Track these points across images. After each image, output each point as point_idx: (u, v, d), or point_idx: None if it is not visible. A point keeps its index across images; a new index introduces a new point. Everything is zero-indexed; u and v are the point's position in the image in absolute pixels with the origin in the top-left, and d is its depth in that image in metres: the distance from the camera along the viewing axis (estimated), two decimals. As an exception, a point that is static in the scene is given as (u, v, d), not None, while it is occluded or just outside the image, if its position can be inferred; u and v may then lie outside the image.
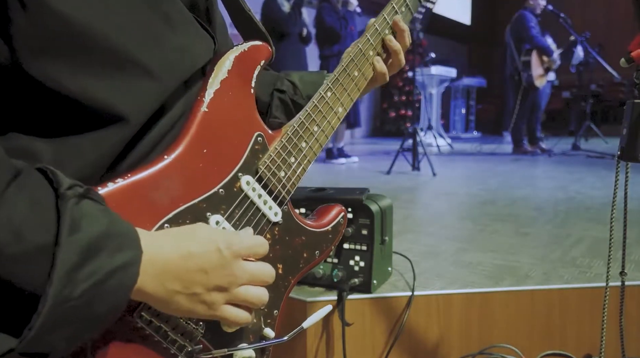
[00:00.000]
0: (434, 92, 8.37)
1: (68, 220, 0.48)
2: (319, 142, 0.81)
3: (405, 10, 0.95)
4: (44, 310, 0.46)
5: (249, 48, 0.73)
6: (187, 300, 0.59)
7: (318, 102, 0.81)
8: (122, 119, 0.60)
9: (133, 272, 0.53)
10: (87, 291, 0.49)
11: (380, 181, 4.26)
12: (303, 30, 5.43)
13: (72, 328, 0.49)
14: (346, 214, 0.89)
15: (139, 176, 0.61)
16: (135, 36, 0.61)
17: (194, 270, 0.58)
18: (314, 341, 1.50)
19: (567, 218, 2.69)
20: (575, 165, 5.28)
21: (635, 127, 0.95)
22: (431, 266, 1.81)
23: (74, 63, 0.57)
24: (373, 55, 0.91)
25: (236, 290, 0.63)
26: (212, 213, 0.67)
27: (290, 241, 0.78)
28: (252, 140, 0.73)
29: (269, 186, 0.75)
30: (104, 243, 0.51)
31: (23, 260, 0.46)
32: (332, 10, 5.79)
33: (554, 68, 6.49)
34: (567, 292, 1.61)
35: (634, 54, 0.94)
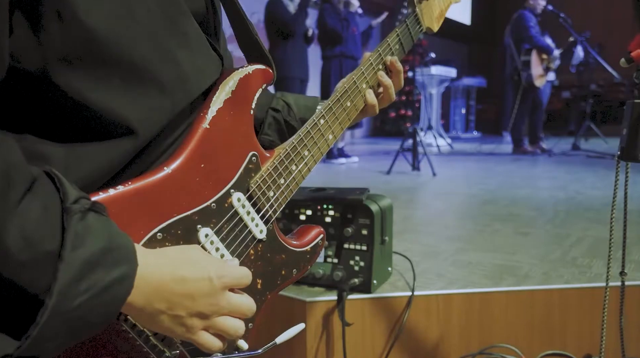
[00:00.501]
0: (434, 92, 8.37)
1: (72, 236, 0.51)
2: (307, 166, 0.85)
3: (399, 48, 1.01)
4: (42, 320, 0.49)
5: (253, 71, 0.76)
6: (169, 320, 0.61)
7: (311, 128, 0.85)
8: (133, 133, 0.63)
9: (128, 285, 0.55)
10: (84, 304, 0.51)
11: (380, 181, 4.26)
12: (309, 30, 5.45)
13: (65, 337, 0.52)
14: (324, 236, 0.93)
15: (138, 185, 0.63)
16: (155, 54, 0.64)
17: (183, 295, 0.61)
18: (314, 341, 1.50)
19: (567, 218, 2.70)
20: (575, 165, 5.28)
21: (635, 127, 0.95)
22: (431, 266, 1.82)
23: (97, 76, 0.59)
24: (366, 88, 0.95)
25: (216, 319, 0.65)
26: (202, 225, 0.70)
27: (272, 258, 0.82)
28: (247, 159, 0.76)
29: (258, 204, 0.77)
30: (102, 257, 0.53)
31: (30, 265, 0.49)
32: (334, 11, 5.79)
33: (553, 68, 6.49)
34: (567, 292, 1.61)
35: (634, 54, 0.94)
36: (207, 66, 0.73)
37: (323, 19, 5.74)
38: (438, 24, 1.13)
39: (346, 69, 5.86)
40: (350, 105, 0.92)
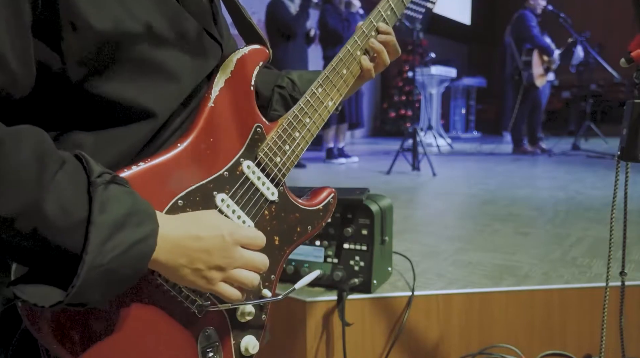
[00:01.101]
0: (434, 92, 8.36)
1: (97, 204, 0.61)
2: (310, 132, 0.93)
3: (390, 14, 1.05)
4: (82, 273, 0.59)
5: (249, 51, 0.84)
6: (190, 273, 0.71)
7: (310, 97, 0.92)
8: (153, 115, 0.74)
9: (151, 243, 0.65)
10: (114, 259, 0.61)
11: (380, 181, 4.26)
12: (311, 30, 5.44)
13: (104, 286, 0.62)
14: (336, 195, 0.99)
15: (157, 161, 0.73)
16: (158, 49, 0.74)
17: (199, 250, 0.71)
18: (314, 341, 1.50)
19: (567, 218, 2.70)
20: (575, 165, 5.28)
21: (635, 127, 0.95)
22: (431, 266, 1.82)
23: (110, 72, 0.70)
24: (360, 54, 1.01)
25: (232, 271, 0.74)
26: (218, 191, 0.79)
27: (286, 217, 0.90)
28: (252, 130, 0.85)
29: (267, 169, 0.86)
30: (127, 220, 0.63)
31: (67, 230, 0.60)
32: (335, 12, 5.79)
33: (553, 68, 6.49)
34: (567, 292, 1.61)
35: (634, 54, 0.94)
36: (207, 53, 0.82)
37: (324, 19, 5.73)
38: None
39: (347, 70, 5.85)
40: (346, 72, 0.98)
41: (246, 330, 0.84)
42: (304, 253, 1.53)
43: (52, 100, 0.70)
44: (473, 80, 10.69)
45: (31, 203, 0.57)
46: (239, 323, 0.84)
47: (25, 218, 0.57)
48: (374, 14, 1.02)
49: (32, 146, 0.59)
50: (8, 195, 0.56)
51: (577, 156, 6.24)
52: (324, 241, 1.52)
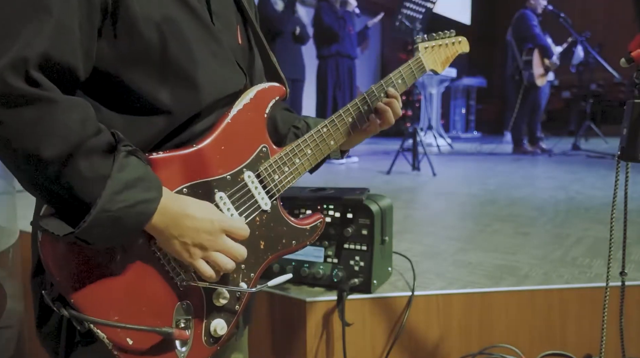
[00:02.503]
0: (434, 92, 8.36)
1: (117, 164, 0.76)
2: (309, 161, 1.06)
3: (400, 82, 1.19)
4: (94, 212, 0.73)
5: (269, 86, 1.01)
6: (178, 245, 0.83)
7: (315, 133, 1.07)
8: (170, 113, 0.88)
9: (153, 206, 0.79)
10: (120, 209, 0.75)
11: (380, 181, 4.26)
12: (296, 29, 5.39)
13: (107, 230, 0.75)
14: (324, 221, 1.10)
15: (174, 153, 0.88)
16: (191, 62, 0.89)
17: (190, 228, 0.83)
18: (314, 341, 1.50)
19: (567, 218, 2.70)
20: (575, 165, 5.28)
21: (635, 127, 0.95)
22: (431, 266, 1.82)
23: (148, 73, 0.85)
24: (368, 110, 1.14)
25: (212, 252, 0.86)
26: (218, 190, 0.92)
27: (274, 227, 1.02)
28: (258, 148, 0.99)
29: (265, 182, 0.99)
30: (138, 183, 0.77)
31: (90, 180, 0.75)
32: (331, 10, 5.77)
33: (553, 69, 6.49)
34: (567, 292, 1.61)
35: (634, 54, 0.95)
36: (232, 76, 0.97)
37: (319, 17, 5.71)
38: (443, 67, 1.30)
39: (342, 68, 5.82)
40: (351, 120, 1.12)
41: (219, 313, 0.94)
42: (304, 253, 1.53)
43: (96, 87, 0.85)
44: (473, 80, 10.68)
45: (69, 153, 0.73)
46: (213, 306, 0.93)
47: (62, 164, 0.72)
48: (386, 79, 1.16)
49: (79, 112, 0.76)
50: (53, 142, 0.72)
51: (577, 156, 6.24)
52: (324, 241, 1.52)
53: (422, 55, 1.24)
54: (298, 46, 5.49)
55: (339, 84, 5.82)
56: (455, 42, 1.32)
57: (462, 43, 1.35)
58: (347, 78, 5.87)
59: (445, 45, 1.30)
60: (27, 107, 0.71)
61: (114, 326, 0.81)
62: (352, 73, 5.95)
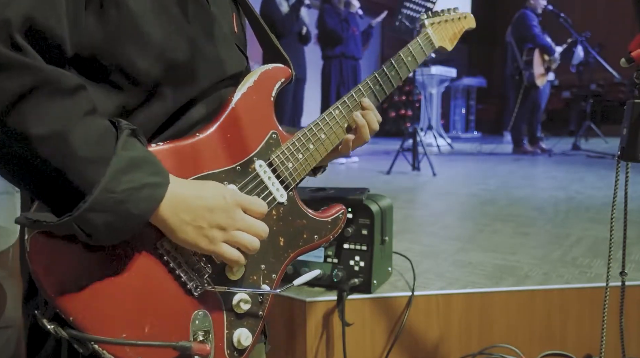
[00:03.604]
0: (434, 92, 8.35)
1: (122, 141, 0.67)
2: (324, 146, 0.97)
3: (410, 60, 1.11)
4: (96, 192, 0.64)
5: (274, 67, 0.93)
6: (193, 231, 0.73)
7: (327, 116, 0.98)
8: (163, 97, 0.79)
9: (161, 192, 0.70)
10: (125, 191, 0.65)
11: (380, 181, 4.26)
12: (302, 29, 5.41)
13: (110, 216, 0.65)
14: (346, 212, 1.01)
15: (177, 144, 0.79)
16: (184, 43, 0.80)
17: (203, 208, 0.74)
18: (314, 341, 1.50)
19: (567, 218, 2.70)
20: (575, 165, 5.28)
21: (635, 127, 0.95)
22: (431, 266, 1.82)
23: (139, 51, 0.76)
24: (380, 90, 1.07)
25: (233, 232, 0.76)
26: (228, 182, 0.83)
27: (293, 221, 0.92)
28: (267, 135, 0.90)
29: (278, 171, 0.90)
30: (144, 164, 0.69)
31: (85, 161, 0.65)
32: (334, 12, 5.78)
33: (554, 67, 6.49)
34: (567, 292, 1.61)
35: (634, 54, 0.94)
36: (230, 58, 0.89)
37: (323, 19, 5.72)
38: (452, 44, 1.22)
39: (346, 69, 5.84)
40: (364, 98, 1.03)
41: (241, 321, 0.83)
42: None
43: (85, 65, 0.76)
44: (473, 80, 10.68)
45: (60, 129, 0.63)
46: (234, 313, 0.82)
47: (51, 142, 0.63)
48: (396, 57, 1.08)
49: (70, 83, 0.66)
50: (43, 117, 0.63)
51: (577, 156, 6.23)
52: (324, 241, 1.52)
53: (430, 31, 1.16)
54: (301, 46, 5.50)
55: (342, 84, 5.83)
56: (461, 17, 1.24)
57: (468, 18, 1.26)
58: (351, 78, 5.89)
59: (451, 20, 1.22)
60: (11, 76, 0.62)
61: (123, 344, 0.70)
62: (357, 73, 5.97)
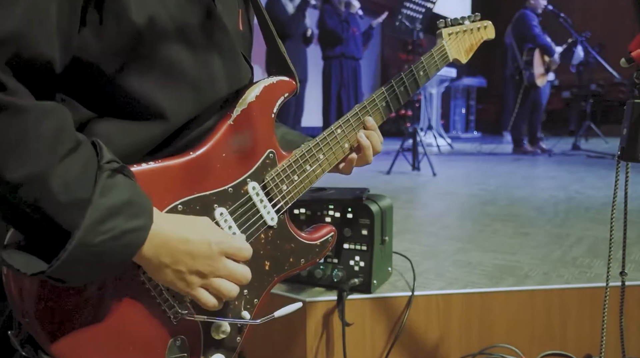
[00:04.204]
0: (434, 92, 8.36)
1: (100, 187, 0.64)
2: (322, 167, 0.93)
3: (422, 75, 1.07)
4: (70, 247, 0.61)
5: (278, 81, 0.87)
6: (172, 273, 0.72)
7: (328, 135, 0.94)
8: (164, 118, 0.76)
9: (142, 236, 0.67)
10: (104, 243, 0.63)
11: (380, 181, 4.26)
12: (307, 30, 5.42)
13: (87, 267, 0.63)
14: (335, 235, 1.00)
15: (167, 163, 0.76)
16: (190, 57, 0.77)
17: (184, 252, 0.72)
18: (314, 341, 1.50)
19: (567, 218, 2.69)
20: (575, 165, 5.28)
21: (635, 127, 0.95)
22: (431, 266, 1.81)
23: (139, 68, 0.73)
24: (386, 107, 1.03)
25: (212, 279, 0.75)
26: (218, 205, 0.80)
27: (281, 245, 0.90)
28: (264, 155, 0.86)
29: (271, 194, 0.87)
30: (124, 208, 0.65)
31: (67, 206, 0.62)
32: (334, 12, 5.78)
33: (554, 68, 6.49)
34: (567, 292, 1.61)
35: (634, 54, 0.94)
36: (237, 72, 0.85)
37: (323, 20, 5.72)
38: (467, 56, 1.17)
39: (346, 70, 5.84)
40: (368, 117, 1.00)
41: (218, 348, 0.83)
42: (304, 253, 1.53)
43: (77, 83, 0.72)
44: (473, 80, 10.68)
45: (39, 174, 0.60)
46: (211, 340, 0.82)
47: (30, 187, 0.60)
48: (407, 72, 1.03)
49: (53, 122, 0.62)
50: (19, 162, 0.59)
51: (577, 156, 6.23)
52: (324, 241, 1.51)
53: (446, 42, 1.11)
54: (304, 46, 5.51)
55: (343, 85, 5.84)
56: (480, 27, 1.18)
57: (488, 28, 1.20)
58: (351, 79, 5.90)
59: (470, 31, 1.16)
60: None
61: None
62: (357, 74, 5.98)
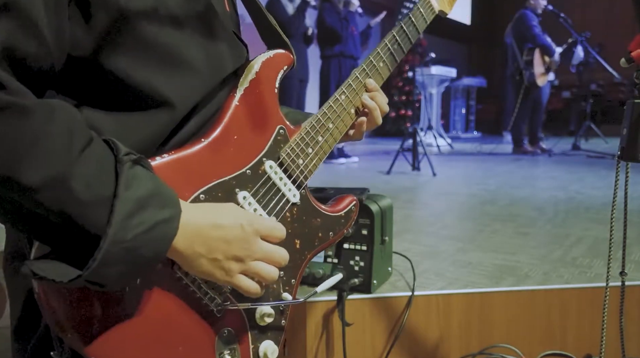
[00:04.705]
0: (434, 92, 8.36)
1: (124, 179, 0.61)
2: (333, 137, 0.93)
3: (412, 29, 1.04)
4: (104, 245, 0.58)
5: (274, 54, 0.86)
6: (208, 263, 0.69)
7: (333, 103, 0.93)
8: (171, 105, 0.73)
9: (174, 226, 0.64)
10: (137, 236, 0.60)
11: (380, 181, 4.26)
12: (308, 29, 5.41)
13: (123, 266, 0.60)
14: (358, 203, 0.99)
15: (181, 154, 0.74)
16: (185, 40, 0.75)
17: (218, 239, 0.69)
18: (314, 341, 1.50)
19: (567, 218, 2.69)
20: (575, 165, 5.28)
21: (635, 127, 0.95)
22: (431, 266, 1.81)
23: (137, 57, 0.70)
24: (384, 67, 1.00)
25: (251, 263, 0.72)
26: (240, 189, 0.79)
27: (307, 221, 0.89)
28: (275, 131, 0.85)
29: (289, 171, 0.86)
30: (151, 200, 0.62)
31: (91, 205, 0.59)
32: (334, 10, 5.77)
33: (554, 68, 6.49)
34: (567, 292, 1.61)
35: (634, 54, 0.94)
36: (232, 51, 0.84)
37: (322, 18, 5.72)
38: (451, 7, 1.14)
39: (345, 69, 5.84)
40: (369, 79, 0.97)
41: (265, 334, 0.83)
42: (304, 253, 1.53)
43: (76, 80, 0.70)
44: (473, 80, 10.69)
45: (57, 175, 0.57)
46: (257, 326, 0.82)
47: (50, 190, 0.57)
48: (398, 29, 1.00)
49: (63, 119, 0.59)
50: (35, 165, 0.56)
51: (577, 156, 6.23)
52: (324, 241, 1.51)
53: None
54: (304, 46, 5.50)
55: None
56: None
57: None
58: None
59: None
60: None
61: None
62: (356, 73, 5.96)
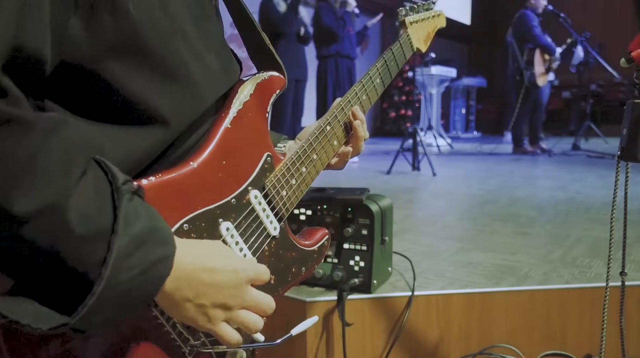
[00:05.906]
0: (434, 92, 8.36)
1: (124, 213, 0.54)
2: (316, 169, 0.90)
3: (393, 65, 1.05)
4: (98, 290, 0.51)
5: (270, 77, 0.82)
6: (193, 308, 0.63)
7: (319, 134, 0.90)
8: (164, 122, 0.67)
9: (169, 265, 0.58)
10: (132, 279, 0.54)
11: (380, 181, 4.26)
12: (300, 29, 5.41)
13: (112, 311, 0.54)
14: (330, 238, 0.96)
15: (168, 177, 0.67)
16: (186, 52, 0.68)
17: (210, 284, 0.63)
18: (314, 341, 1.50)
19: (567, 218, 2.69)
20: (575, 165, 5.28)
21: (635, 127, 0.95)
22: (431, 266, 1.81)
23: (136, 66, 0.64)
24: (366, 100, 1.01)
25: (238, 311, 0.67)
26: (223, 219, 0.73)
27: (283, 255, 0.85)
28: (262, 159, 0.80)
29: (273, 202, 0.81)
30: (148, 236, 0.56)
31: (87, 239, 0.52)
32: (330, 10, 5.76)
33: (554, 67, 6.50)
34: (567, 292, 1.61)
35: (634, 54, 0.94)
36: (231, 67, 0.79)
37: (319, 17, 5.70)
38: (426, 45, 1.17)
39: (342, 68, 5.83)
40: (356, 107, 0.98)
41: None
42: (304, 253, 1.53)
43: (66, 85, 0.63)
44: (473, 80, 10.69)
45: (53, 203, 0.49)
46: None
47: (42, 220, 0.49)
48: (380, 63, 1.03)
49: (62, 138, 0.52)
50: (29, 188, 0.48)
51: (577, 156, 6.23)
52: (324, 241, 1.51)
53: (410, 31, 1.09)
54: (301, 46, 5.49)
55: (338, 84, 5.82)
56: (434, 15, 1.19)
57: (441, 17, 1.22)
58: (346, 78, 5.88)
59: (427, 19, 1.16)
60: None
61: None
62: (352, 73, 5.96)
